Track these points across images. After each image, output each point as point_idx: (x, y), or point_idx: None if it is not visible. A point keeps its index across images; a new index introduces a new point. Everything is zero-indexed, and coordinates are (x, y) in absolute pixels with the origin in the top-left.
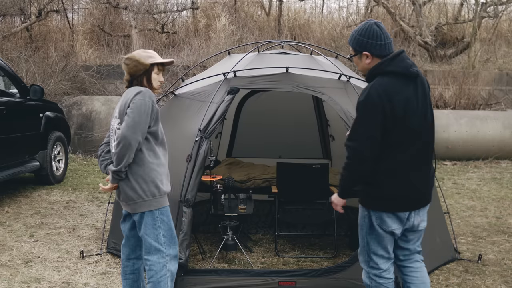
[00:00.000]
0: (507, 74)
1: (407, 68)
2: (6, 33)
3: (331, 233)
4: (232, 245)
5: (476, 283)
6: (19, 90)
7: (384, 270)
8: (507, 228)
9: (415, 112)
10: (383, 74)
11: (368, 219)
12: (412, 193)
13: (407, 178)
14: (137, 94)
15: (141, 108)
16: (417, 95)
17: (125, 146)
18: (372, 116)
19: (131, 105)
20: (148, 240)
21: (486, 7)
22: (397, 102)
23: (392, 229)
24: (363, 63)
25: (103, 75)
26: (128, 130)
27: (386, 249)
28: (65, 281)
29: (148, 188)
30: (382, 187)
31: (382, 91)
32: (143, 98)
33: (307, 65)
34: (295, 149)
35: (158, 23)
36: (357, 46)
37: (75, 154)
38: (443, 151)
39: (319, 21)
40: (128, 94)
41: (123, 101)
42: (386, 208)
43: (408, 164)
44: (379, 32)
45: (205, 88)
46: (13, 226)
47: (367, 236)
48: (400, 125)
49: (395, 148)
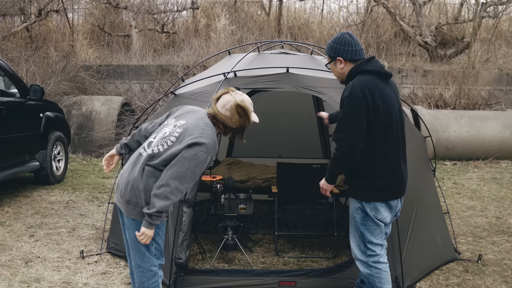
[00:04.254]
0: (507, 74)
1: (382, 68)
2: (6, 33)
3: (331, 233)
4: (232, 245)
5: (476, 283)
6: (19, 90)
7: (381, 255)
8: (507, 228)
9: (393, 106)
10: (362, 73)
11: (362, 211)
12: (399, 182)
13: (394, 168)
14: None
15: (197, 164)
16: (392, 92)
17: (166, 197)
18: (357, 109)
19: (193, 156)
20: (142, 248)
21: (486, 7)
22: (377, 95)
23: (385, 217)
24: (338, 69)
25: (103, 75)
26: (175, 181)
27: (380, 237)
28: (65, 281)
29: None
30: (374, 178)
31: (364, 85)
32: (208, 154)
33: (307, 65)
34: (295, 149)
35: (158, 23)
36: (332, 53)
37: (75, 154)
38: (443, 151)
39: (319, 21)
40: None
41: (196, 125)
42: (380, 198)
43: (394, 154)
44: (350, 40)
45: (205, 88)
46: (13, 226)
47: (361, 227)
48: (383, 117)
49: (381, 139)
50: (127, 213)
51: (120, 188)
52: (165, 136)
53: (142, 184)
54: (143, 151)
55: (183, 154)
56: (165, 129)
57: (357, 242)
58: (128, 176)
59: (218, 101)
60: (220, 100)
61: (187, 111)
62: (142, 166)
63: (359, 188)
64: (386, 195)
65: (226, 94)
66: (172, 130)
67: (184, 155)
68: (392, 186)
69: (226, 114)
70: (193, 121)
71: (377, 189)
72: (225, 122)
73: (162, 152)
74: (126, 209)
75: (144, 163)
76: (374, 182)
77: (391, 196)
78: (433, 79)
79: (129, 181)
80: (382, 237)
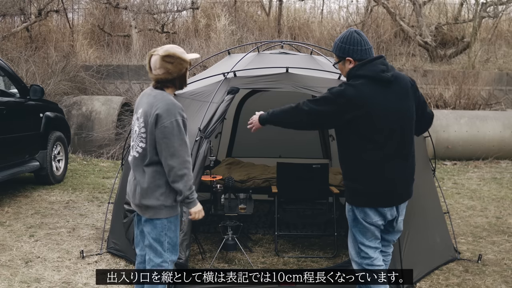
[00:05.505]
0: (507, 74)
1: (377, 72)
2: (6, 33)
3: (331, 233)
4: (232, 245)
5: (476, 283)
6: (19, 90)
7: (375, 258)
8: (507, 228)
9: (390, 113)
10: (355, 77)
11: (352, 213)
12: (389, 189)
13: (381, 174)
14: (166, 115)
15: (173, 132)
16: (392, 96)
17: (181, 176)
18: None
19: (164, 130)
20: (154, 244)
21: (486, 7)
22: (357, 105)
23: (375, 221)
24: (347, 69)
25: (103, 75)
26: (173, 159)
27: (371, 239)
28: (65, 281)
29: (170, 196)
30: (355, 181)
31: (343, 92)
32: (174, 117)
33: (307, 65)
34: (295, 149)
35: (158, 23)
36: (340, 53)
37: (75, 154)
38: (443, 151)
39: (319, 21)
40: (156, 100)
41: (149, 104)
42: (362, 203)
43: (386, 160)
44: (359, 39)
45: (205, 88)
46: (13, 226)
47: (353, 228)
48: (366, 121)
49: (365, 143)
50: (142, 213)
51: (130, 195)
52: (137, 133)
53: (146, 183)
54: (133, 154)
55: (158, 136)
56: (135, 128)
57: (352, 244)
58: (134, 181)
59: (150, 70)
60: (151, 66)
61: (139, 102)
62: (141, 169)
63: (349, 190)
64: (371, 201)
65: (150, 58)
66: (138, 124)
67: (160, 136)
68: (377, 192)
69: (162, 72)
70: (145, 104)
71: (357, 193)
72: (168, 78)
73: (146, 148)
74: (141, 211)
75: (141, 165)
76: (354, 185)
77: (379, 203)
78: (433, 79)
79: (136, 185)
80: (375, 240)
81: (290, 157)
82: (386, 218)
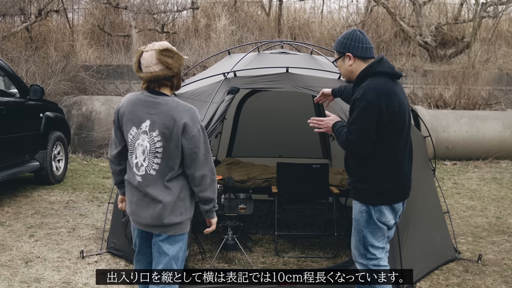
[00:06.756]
0: (507, 74)
1: (393, 69)
2: (6, 33)
3: (331, 233)
4: (232, 245)
5: (476, 283)
6: (19, 90)
7: (382, 258)
8: (507, 228)
9: (405, 108)
10: (375, 74)
11: (366, 214)
12: (405, 184)
13: (402, 171)
14: (192, 123)
15: (201, 139)
16: (403, 93)
17: (210, 183)
18: (368, 114)
19: (193, 140)
20: (170, 263)
21: (486, 7)
22: (393, 98)
23: (388, 220)
24: (346, 65)
25: (103, 75)
26: (204, 168)
27: (381, 239)
28: (65, 281)
29: (192, 209)
30: (384, 180)
31: (379, 89)
32: (199, 124)
33: (307, 65)
34: (295, 149)
35: (158, 23)
36: (341, 48)
37: (75, 154)
38: (443, 151)
39: (319, 21)
40: (172, 108)
41: (164, 113)
42: (385, 201)
43: (402, 157)
44: (361, 37)
45: (205, 88)
46: (13, 226)
47: (364, 229)
48: (397, 120)
49: (394, 142)
50: (161, 232)
51: (141, 215)
52: (148, 149)
53: (170, 198)
54: (144, 173)
55: (187, 146)
56: (144, 143)
57: (357, 245)
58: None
59: (140, 70)
60: (142, 67)
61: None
62: (162, 185)
63: (365, 191)
64: (392, 198)
65: (140, 56)
66: (149, 138)
67: (188, 145)
68: (398, 189)
69: (160, 68)
70: (155, 115)
71: (384, 192)
72: (167, 75)
73: (163, 163)
74: (159, 230)
75: (161, 182)
76: (381, 184)
77: (396, 199)
78: (433, 79)
79: (148, 204)
80: (384, 240)
81: (290, 157)
82: (397, 215)
